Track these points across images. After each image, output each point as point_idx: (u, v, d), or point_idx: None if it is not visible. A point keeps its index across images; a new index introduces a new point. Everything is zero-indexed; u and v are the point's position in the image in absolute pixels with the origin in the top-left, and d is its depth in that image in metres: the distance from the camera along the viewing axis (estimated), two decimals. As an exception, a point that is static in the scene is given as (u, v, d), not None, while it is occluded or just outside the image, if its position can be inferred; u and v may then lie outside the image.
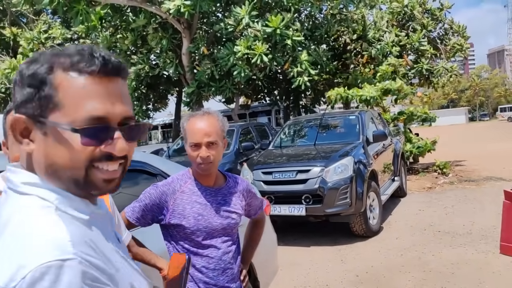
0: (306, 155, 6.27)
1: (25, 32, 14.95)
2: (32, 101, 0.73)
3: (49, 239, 0.65)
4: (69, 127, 0.71)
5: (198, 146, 1.69)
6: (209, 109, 1.82)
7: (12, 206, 0.73)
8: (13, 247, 0.65)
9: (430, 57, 13.68)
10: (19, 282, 0.61)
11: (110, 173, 0.76)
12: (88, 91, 0.73)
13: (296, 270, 4.69)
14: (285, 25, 9.57)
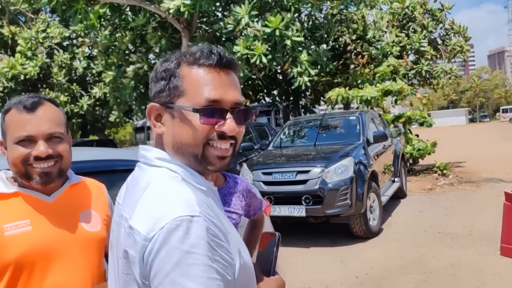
0: (306, 155, 6.24)
1: (24, 31, 14.92)
2: (164, 91, 0.92)
3: (181, 200, 0.83)
4: (191, 108, 0.89)
5: None
6: None
7: (149, 175, 0.93)
8: (152, 204, 0.84)
9: (430, 58, 13.66)
10: (157, 232, 0.78)
11: (222, 151, 0.92)
12: (206, 80, 0.90)
13: (296, 271, 4.66)
14: (285, 25, 9.53)
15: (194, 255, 0.76)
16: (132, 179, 0.99)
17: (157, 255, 0.77)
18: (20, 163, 1.26)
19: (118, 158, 2.61)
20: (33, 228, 1.23)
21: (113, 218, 1.01)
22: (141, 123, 20.37)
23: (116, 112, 14.68)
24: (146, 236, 0.79)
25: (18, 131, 1.25)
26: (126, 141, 32.24)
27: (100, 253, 1.40)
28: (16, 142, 1.25)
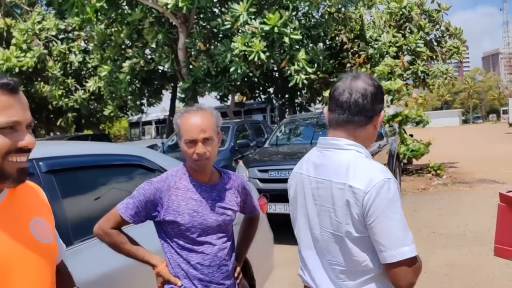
0: (302, 153, 6.22)
1: (19, 23, 14.78)
2: None
3: (379, 168, 1.32)
4: None
5: (194, 142, 1.66)
6: (203, 105, 1.80)
7: (346, 155, 1.37)
8: (364, 172, 1.31)
9: (426, 59, 13.71)
10: (372, 188, 1.27)
11: None
12: None
13: (292, 269, 4.66)
14: (283, 23, 9.52)
15: (394, 201, 1.27)
16: (325, 158, 1.42)
17: (374, 201, 1.27)
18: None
19: (115, 152, 2.60)
20: None
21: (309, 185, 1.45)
22: (136, 118, 20.31)
23: (111, 106, 14.60)
24: (364, 190, 1.27)
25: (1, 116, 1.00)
26: (121, 136, 32.12)
27: (53, 268, 1.19)
28: None
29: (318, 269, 1.46)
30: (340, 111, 1.40)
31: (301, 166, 1.52)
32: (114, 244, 1.71)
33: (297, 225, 1.54)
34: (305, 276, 1.54)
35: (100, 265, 1.93)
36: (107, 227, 1.70)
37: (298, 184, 1.51)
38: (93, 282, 1.87)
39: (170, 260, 1.73)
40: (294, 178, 1.55)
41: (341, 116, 1.39)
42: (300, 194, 1.50)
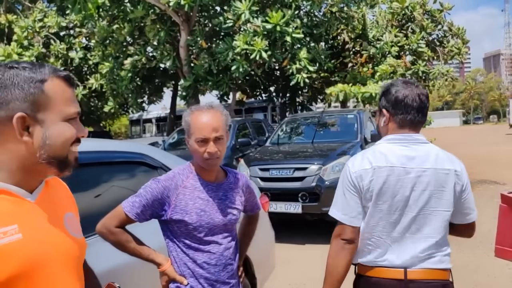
0: (303, 152, 6.25)
1: (20, 20, 14.76)
2: None
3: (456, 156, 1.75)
4: None
5: (205, 141, 1.64)
6: (213, 103, 1.78)
7: (428, 147, 1.71)
8: (449, 158, 1.70)
9: (428, 59, 13.70)
10: (462, 168, 1.70)
11: None
12: None
13: (291, 268, 4.67)
14: (285, 22, 9.50)
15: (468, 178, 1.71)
16: (416, 151, 1.67)
17: (466, 178, 1.69)
18: (68, 145, 1.05)
19: (118, 150, 2.59)
20: (24, 236, 0.98)
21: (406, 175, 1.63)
22: (136, 116, 20.29)
23: (111, 103, 14.59)
24: (461, 172, 1.67)
25: (69, 107, 1.05)
26: (121, 133, 32.12)
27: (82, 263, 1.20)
28: (66, 119, 1.04)
29: (407, 245, 1.65)
30: (416, 114, 1.70)
31: (389, 160, 1.65)
32: (118, 242, 1.69)
33: (384, 213, 1.65)
34: (390, 259, 1.65)
35: (102, 262, 1.92)
36: (111, 226, 1.68)
37: (390, 175, 1.63)
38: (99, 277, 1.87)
39: (176, 258, 1.72)
40: (385, 171, 1.63)
41: (417, 118, 1.70)
42: (394, 184, 1.63)
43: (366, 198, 1.66)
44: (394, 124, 1.73)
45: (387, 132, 1.75)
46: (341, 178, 1.74)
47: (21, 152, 1.00)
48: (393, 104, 1.71)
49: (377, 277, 1.67)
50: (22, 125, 0.98)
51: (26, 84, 0.99)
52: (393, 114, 1.72)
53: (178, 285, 1.71)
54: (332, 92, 9.91)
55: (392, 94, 1.71)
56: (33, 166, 1.02)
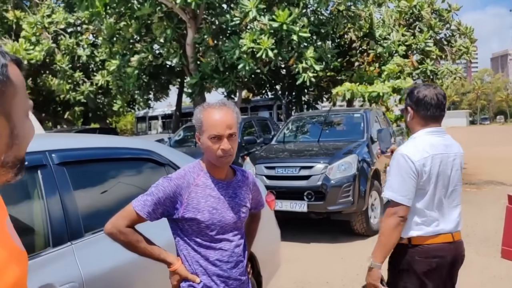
0: (309, 151, 6.24)
1: (28, 16, 14.83)
2: None
3: None
4: None
5: (219, 138, 1.64)
6: (225, 100, 1.77)
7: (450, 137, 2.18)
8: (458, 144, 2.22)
9: (435, 58, 13.62)
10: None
11: None
12: None
13: (296, 266, 4.67)
14: (292, 20, 9.48)
15: None
16: (447, 140, 2.12)
17: None
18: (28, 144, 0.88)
19: (126, 146, 2.60)
20: None
21: (448, 159, 2.06)
22: (142, 113, 20.36)
23: (120, 101, 14.64)
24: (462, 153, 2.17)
25: (28, 99, 0.87)
26: (127, 130, 32.22)
27: None
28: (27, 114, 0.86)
29: (449, 214, 2.09)
30: (434, 110, 2.07)
31: (438, 149, 2.06)
32: (129, 243, 1.66)
33: (437, 191, 2.05)
34: (442, 228, 2.06)
35: (111, 258, 1.93)
36: (122, 226, 1.64)
37: (442, 160, 2.04)
38: (104, 275, 1.88)
39: (187, 257, 1.71)
40: (438, 157, 2.04)
41: (436, 113, 2.08)
42: (443, 167, 2.05)
43: (424, 181, 2.01)
44: (418, 119, 2.12)
45: (413, 126, 2.16)
46: (397, 165, 2.03)
47: None
48: (415, 103, 2.09)
49: (435, 243, 2.04)
50: None
51: None
52: (416, 111, 2.10)
53: (191, 284, 1.70)
54: (339, 91, 9.87)
55: (415, 94, 2.10)
56: None
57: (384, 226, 2.05)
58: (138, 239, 1.67)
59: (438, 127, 2.11)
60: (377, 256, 2.03)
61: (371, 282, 2.05)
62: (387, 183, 2.08)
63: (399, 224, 2.00)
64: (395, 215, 2.00)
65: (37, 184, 1.82)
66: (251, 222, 2.03)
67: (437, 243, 2.04)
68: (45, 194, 1.82)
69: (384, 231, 2.04)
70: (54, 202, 1.84)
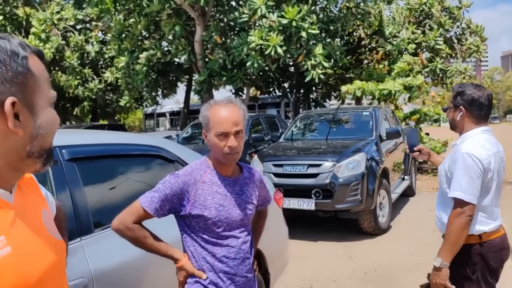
0: (317, 149, 6.20)
1: (38, 13, 14.93)
2: None
3: None
4: None
5: (226, 135, 1.63)
6: (232, 98, 1.77)
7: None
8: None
9: (445, 57, 13.50)
10: None
11: None
12: None
13: (304, 264, 4.66)
14: (301, 17, 9.44)
15: None
16: (494, 138, 2.18)
17: None
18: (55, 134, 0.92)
19: (135, 142, 2.60)
20: (13, 249, 0.81)
21: (500, 157, 2.15)
22: (150, 110, 20.44)
23: (127, 97, 14.70)
24: None
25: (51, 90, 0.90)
26: (135, 127, 32.37)
27: (65, 269, 1.05)
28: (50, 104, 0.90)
29: (499, 210, 2.21)
30: (486, 110, 2.17)
31: (496, 146, 2.15)
32: (136, 239, 1.67)
33: (496, 187, 2.14)
34: (499, 221, 2.18)
35: (120, 254, 1.93)
36: (129, 222, 1.65)
37: (497, 158, 2.12)
38: (113, 270, 1.88)
39: (194, 253, 1.71)
40: (498, 155, 2.13)
41: (487, 113, 2.18)
42: (499, 163, 2.13)
43: (488, 178, 2.08)
44: (470, 119, 2.18)
45: (463, 125, 2.21)
46: (464, 165, 2.06)
47: (9, 147, 0.82)
48: (469, 103, 2.15)
49: (499, 236, 2.15)
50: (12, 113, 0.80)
51: (13, 61, 0.80)
52: (470, 111, 2.17)
53: (197, 280, 1.70)
54: (348, 89, 9.80)
55: (468, 95, 2.15)
56: (19, 162, 0.85)
57: (453, 226, 2.07)
58: (145, 235, 1.68)
59: (487, 126, 2.21)
60: (446, 255, 2.09)
61: (440, 282, 2.10)
62: (454, 183, 2.08)
63: (468, 224, 2.05)
64: (463, 215, 2.04)
65: (47, 180, 1.82)
66: (257, 219, 2.02)
67: (500, 236, 2.15)
68: (55, 189, 1.82)
69: (453, 231, 2.07)
70: (64, 198, 1.85)
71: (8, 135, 0.80)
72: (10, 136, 0.80)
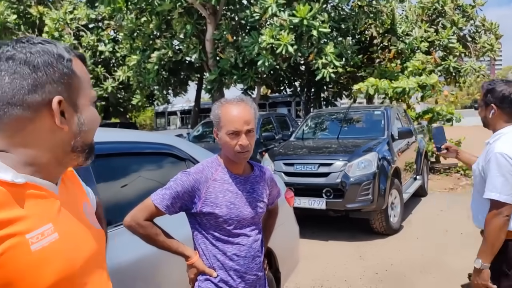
0: (328, 148, 6.18)
1: (51, 12, 15.10)
2: None
3: None
4: None
5: (237, 134, 1.64)
6: (243, 96, 1.77)
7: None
8: None
9: (459, 55, 13.33)
10: None
11: None
12: None
13: (314, 264, 4.64)
14: (312, 16, 9.40)
15: None
16: None
17: None
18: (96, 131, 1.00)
19: (147, 140, 2.61)
20: (60, 235, 0.88)
21: None
22: (161, 108, 20.54)
23: (139, 96, 14.79)
24: None
25: (92, 90, 1.00)
26: (146, 125, 32.57)
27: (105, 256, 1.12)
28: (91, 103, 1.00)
29: None
30: None
31: None
32: (148, 236, 1.68)
33: None
34: None
35: (132, 252, 1.94)
36: (141, 219, 1.67)
37: None
38: (125, 268, 1.89)
39: (205, 251, 1.71)
40: None
41: None
42: None
43: None
44: (502, 116, 2.16)
45: (495, 122, 2.19)
46: (497, 164, 2.05)
47: (56, 142, 0.90)
48: (500, 100, 2.13)
49: None
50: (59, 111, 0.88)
51: (59, 64, 0.88)
52: (501, 108, 2.15)
53: (208, 277, 1.71)
54: (361, 87, 9.71)
55: (498, 92, 2.13)
56: (64, 156, 0.93)
57: (490, 227, 2.07)
58: (157, 232, 1.69)
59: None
60: (486, 257, 2.10)
61: (482, 283, 2.12)
62: (489, 184, 2.08)
63: (506, 224, 2.04)
64: (500, 215, 2.04)
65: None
66: (268, 218, 2.02)
67: None
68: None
69: (491, 232, 2.07)
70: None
71: (55, 131, 0.89)
72: (57, 132, 0.89)
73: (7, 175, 0.82)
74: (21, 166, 0.87)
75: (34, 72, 0.85)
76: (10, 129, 0.86)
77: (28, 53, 0.86)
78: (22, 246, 0.80)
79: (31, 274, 0.81)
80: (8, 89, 0.84)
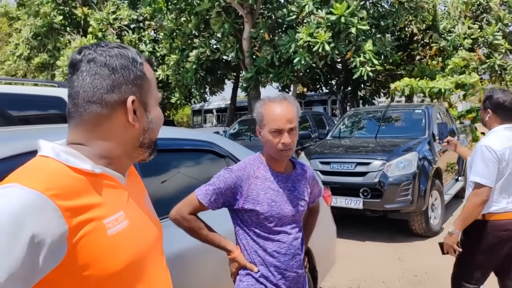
0: (366, 147, 6.09)
1: (95, 13, 15.65)
2: None
3: None
4: None
5: (279, 132, 1.65)
6: (286, 94, 1.78)
7: None
8: None
9: (504, 53, 12.77)
10: None
11: None
12: None
13: (351, 264, 4.60)
14: (350, 13, 9.27)
15: None
16: None
17: None
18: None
19: (188, 137, 2.68)
20: (130, 222, 0.96)
21: None
22: (198, 106, 20.86)
23: (177, 94, 15.10)
24: None
25: (158, 92, 1.09)
26: (183, 123, 33.17)
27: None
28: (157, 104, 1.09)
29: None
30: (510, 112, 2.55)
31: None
32: (192, 229, 1.74)
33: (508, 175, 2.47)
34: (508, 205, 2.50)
35: (174, 245, 2.00)
36: (185, 213, 1.72)
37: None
38: (168, 260, 1.95)
39: (246, 246, 1.75)
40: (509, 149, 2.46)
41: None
42: None
43: (503, 167, 2.45)
44: (496, 119, 2.60)
45: (490, 123, 2.62)
46: (480, 154, 2.46)
47: (127, 138, 0.98)
48: (495, 106, 2.56)
49: (503, 219, 2.49)
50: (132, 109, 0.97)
51: (133, 66, 0.97)
52: (495, 113, 2.58)
53: (249, 272, 1.73)
54: (397, 86, 9.49)
55: (495, 99, 2.56)
56: (133, 151, 1.02)
57: (469, 203, 2.49)
58: (200, 226, 1.74)
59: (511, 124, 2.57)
60: (458, 225, 2.55)
61: (449, 243, 2.62)
62: (473, 170, 2.50)
63: (483, 202, 2.45)
64: (480, 195, 2.44)
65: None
66: (309, 216, 2.03)
67: (505, 219, 2.49)
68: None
69: (468, 207, 2.49)
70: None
71: (128, 128, 0.97)
72: (129, 129, 0.98)
73: (87, 165, 0.90)
74: (96, 158, 0.95)
75: (113, 74, 0.94)
76: (89, 124, 0.94)
77: (108, 56, 0.94)
78: (100, 230, 0.87)
79: (107, 257, 0.88)
80: (89, 89, 0.93)
